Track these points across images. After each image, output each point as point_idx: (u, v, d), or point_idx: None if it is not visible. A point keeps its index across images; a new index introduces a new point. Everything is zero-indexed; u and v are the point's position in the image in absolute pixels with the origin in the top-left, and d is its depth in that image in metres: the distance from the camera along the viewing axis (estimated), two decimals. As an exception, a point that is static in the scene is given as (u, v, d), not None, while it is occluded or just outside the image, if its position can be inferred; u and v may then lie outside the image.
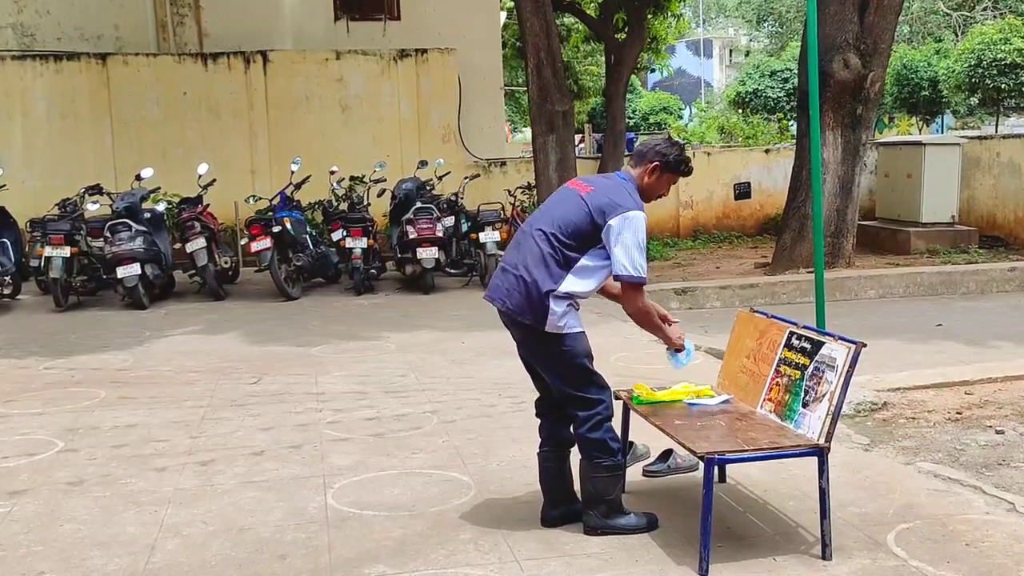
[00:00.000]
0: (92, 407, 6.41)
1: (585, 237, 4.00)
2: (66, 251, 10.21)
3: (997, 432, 5.61)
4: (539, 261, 4.00)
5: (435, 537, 4.14)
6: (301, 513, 4.47)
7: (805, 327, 4.25)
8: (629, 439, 4.73)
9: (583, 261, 4.02)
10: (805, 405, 3.99)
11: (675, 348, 4.38)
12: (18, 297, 10.93)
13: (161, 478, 4.98)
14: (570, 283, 4.00)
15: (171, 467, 5.15)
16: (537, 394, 4.34)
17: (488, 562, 3.88)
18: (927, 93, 25.08)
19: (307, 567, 3.89)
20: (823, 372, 3.95)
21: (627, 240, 3.93)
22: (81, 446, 5.56)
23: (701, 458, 3.79)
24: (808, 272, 11.58)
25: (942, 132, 27.69)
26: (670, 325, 4.35)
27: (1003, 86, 21.68)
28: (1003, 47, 20.47)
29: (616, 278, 4.01)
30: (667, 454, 4.86)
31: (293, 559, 3.97)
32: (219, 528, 4.30)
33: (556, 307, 3.97)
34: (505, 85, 20.02)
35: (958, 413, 6.03)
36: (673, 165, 4.16)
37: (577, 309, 4.11)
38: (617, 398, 4.50)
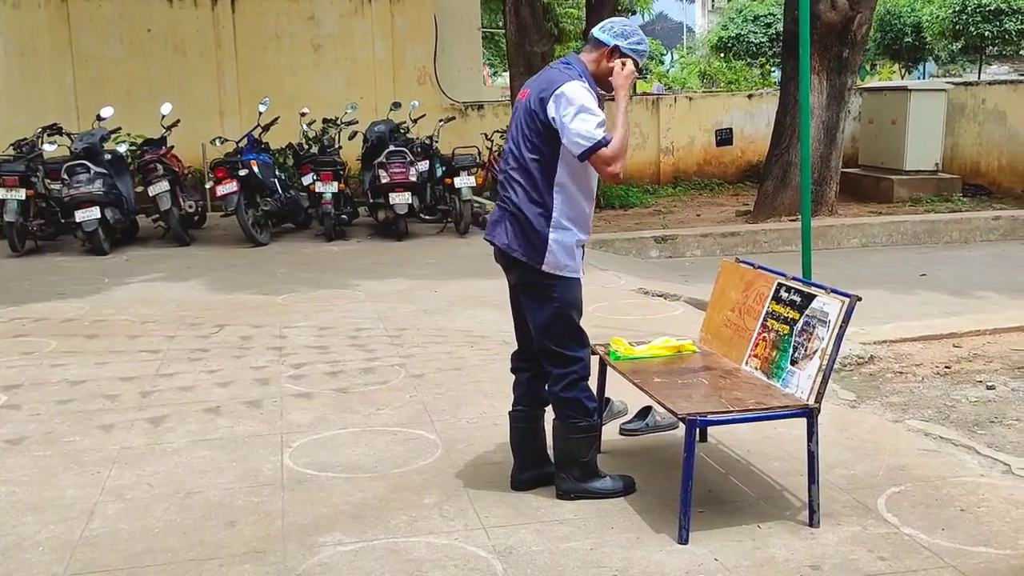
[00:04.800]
0: (40, 359, 6.07)
1: (545, 140, 3.68)
2: (21, 193, 9.79)
3: (988, 387, 5.39)
4: (522, 190, 3.71)
5: (397, 501, 3.86)
6: (255, 475, 4.18)
7: (794, 278, 3.97)
8: (606, 395, 4.47)
9: (560, 176, 3.69)
10: (794, 363, 3.71)
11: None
12: (-27, 242, 10.51)
13: (107, 436, 4.67)
14: (559, 204, 3.70)
15: (119, 424, 4.84)
16: (514, 347, 4.05)
17: (453, 529, 3.61)
18: (910, 39, 24.69)
19: (257, 534, 3.61)
20: (814, 327, 3.67)
21: (568, 114, 3.59)
22: (24, 401, 5.23)
23: (682, 419, 3.53)
24: (790, 220, 11.33)
25: (924, 79, 27.35)
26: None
27: (987, 33, 21.35)
28: (988, -7, 20.13)
29: (580, 159, 3.65)
30: (646, 411, 4.62)
31: (243, 526, 3.68)
32: (165, 491, 4.01)
33: (556, 239, 3.67)
34: (484, 27, 19.49)
35: (947, 367, 5.80)
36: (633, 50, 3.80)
37: (582, 248, 3.81)
38: (593, 353, 4.23)
